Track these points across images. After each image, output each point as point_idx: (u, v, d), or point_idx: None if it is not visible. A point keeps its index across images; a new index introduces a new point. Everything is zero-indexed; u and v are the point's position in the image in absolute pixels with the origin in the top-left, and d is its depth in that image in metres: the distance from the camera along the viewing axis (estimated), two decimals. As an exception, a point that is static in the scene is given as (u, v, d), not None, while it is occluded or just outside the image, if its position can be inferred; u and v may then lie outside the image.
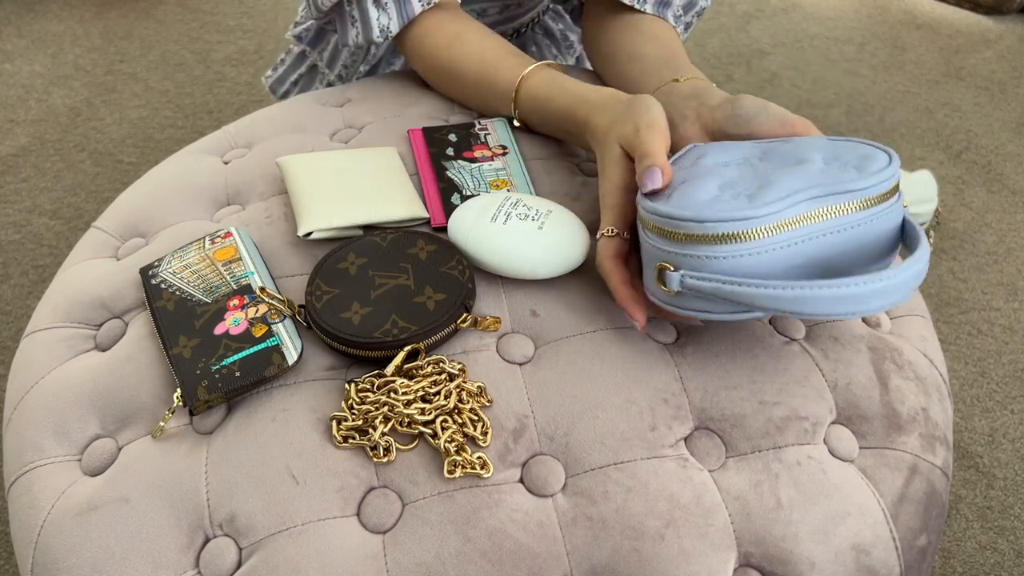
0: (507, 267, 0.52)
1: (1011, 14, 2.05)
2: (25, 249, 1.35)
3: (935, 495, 0.48)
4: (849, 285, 0.38)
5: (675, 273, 0.42)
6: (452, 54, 0.69)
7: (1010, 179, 1.52)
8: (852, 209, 0.42)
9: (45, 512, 0.46)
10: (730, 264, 0.41)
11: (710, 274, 0.41)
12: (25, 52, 1.86)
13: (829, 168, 0.44)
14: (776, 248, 0.41)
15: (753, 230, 0.41)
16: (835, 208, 0.42)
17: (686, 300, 0.44)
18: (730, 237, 0.41)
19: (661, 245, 0.43)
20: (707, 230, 0.41)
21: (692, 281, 0.42)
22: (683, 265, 0.43)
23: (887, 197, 0.43)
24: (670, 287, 0.43)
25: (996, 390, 1.14)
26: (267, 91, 1.31)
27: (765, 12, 2.06)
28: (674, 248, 0.43)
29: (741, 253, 0.41)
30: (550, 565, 0.41)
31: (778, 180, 0.43)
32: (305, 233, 0.56)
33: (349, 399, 0.46)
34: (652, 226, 0.44)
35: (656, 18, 0.72)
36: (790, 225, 0.41)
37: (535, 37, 0.98)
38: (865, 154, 0.45)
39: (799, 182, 0.42)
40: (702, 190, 0.44)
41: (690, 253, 0.42)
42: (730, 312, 0.43)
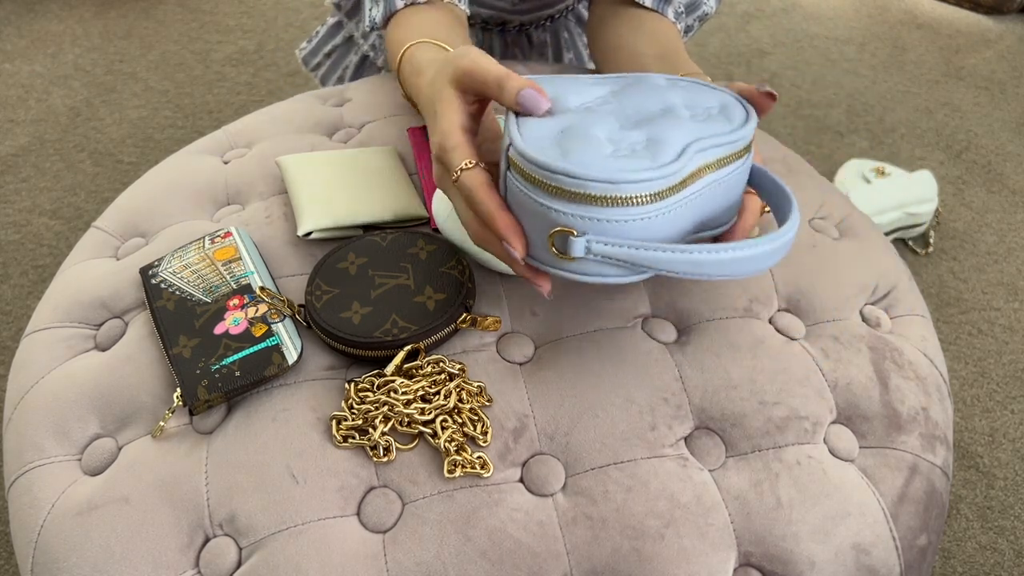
0: (477, 254, 0.53)
1: (1011, 14, 2.05)
2: (25, 249, 1.35)
3: (935, 495, 0.48)
4: (758, 245, 0.38)
5: (579, 239, 0.38)
6: (395, 42, 0.67)
7: (1010, 179, 1.52)
8: (730, 160, 0.42)
9: (45, 512, 0.46)
10: (641, 227, 0.39)
11: (622, 239, 0.38)
12: (25, 52, 1.86)
13: (697, 116, 0.44)
14: (679, 206, 0.40)
15: (663, 190, 0.39)
16: (718, 160, 0.42)
17: (583, 265, 0.40)
18: (640, 199, 0.38)
19: (557, 206, 0.39)
20: (621, 191, 0.37)
21: (601, 247, 0.38)
22: (588, 229, 0.38)
23: (749, 149, 0.44)
24: (571, 253, 0.39)
25: (996, 390, 1.14)
26: (299, 63, 1.29)
27: (765, 12, 2.06)
28: (576, 210, 0.38)
29: (652, 215, 0.39)
30: (550, 564, 0.41)
31: (663, 133, 0.41)
32: (305, 233, 0.56)
33: (349, 399, 0.46)
34: (541, 183, 0.39)
35: (656, 15, 0.72)
36: (689, 181, 0.40)
37: (568, 24, 0.98)
38: (724, 103, 0.45)
39: (683, 134, 0.41)
40: (595, 144, 0.40)
41: (597, 216, 0.38)
42: (624, 275, 0.40)
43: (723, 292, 0.54)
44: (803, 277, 0.57)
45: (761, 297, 0.55)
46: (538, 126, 0.42)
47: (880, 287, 0.58)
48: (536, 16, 0.91)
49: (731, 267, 0.39)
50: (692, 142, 0.41)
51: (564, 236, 0.39)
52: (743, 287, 0.55)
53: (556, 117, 0.43)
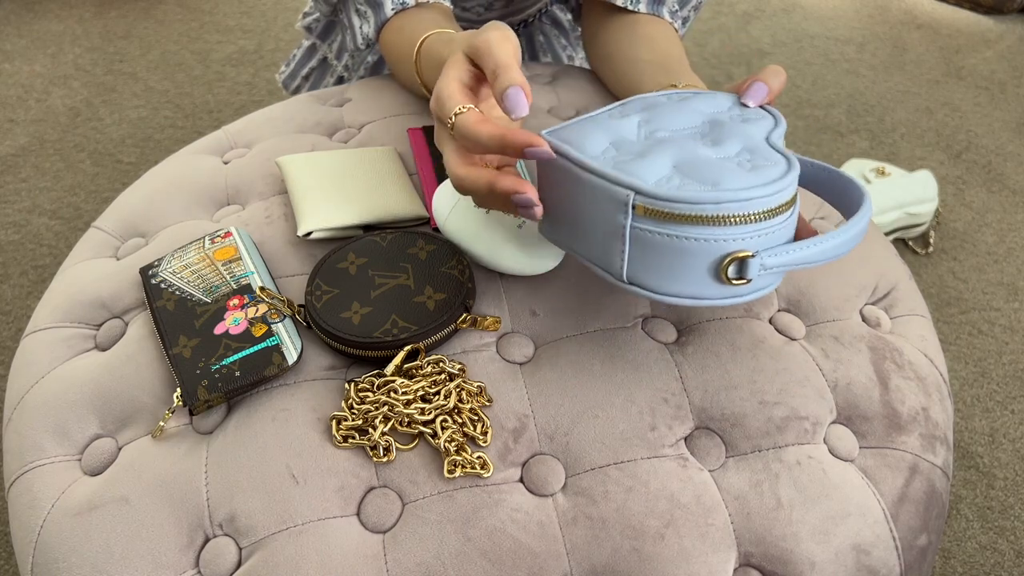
0: (476, 253, 0.53)
1: (1011, 14, 2.05)
2: (25, 249, 1.35)
3: (935, 495, 0.48)
4: (852, 226, 0.41)
5: (755, 259, 0.39)
6: (399, 45, 0.67)
7: (1010, 179, 1.52)
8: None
9: (45, 512, 0.46)
10: (785, 232, 0.41)
11: (779, 248, 0.39)
12: (25, 52, 1.86)
13: (736, 119, 0.46)
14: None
15: (795, 192, 0.41)
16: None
17: (754, 284, 0.41)
18: (787, 205, 0.40)
19: (722, 234, 0.39)
20: (779, 199, 0.39)
21: (772, 259, 0.39)
22: (758, 247, 0.39)
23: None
24: (749, 276, 0.39)
25: (996, 390, 1.14)
26: (280, 87, 1.30)
27: (765, 12, 2.06)
28: (743, 232, 0.39)
29: (791, 217, 0.41)
30: (550, 564, 0.41)
31: (743, 140, 0.44)
32: (305, 233, 0.56)
33: (349, 399, 0.46)
34: (694, 217, 0.39)
35: (653, 17, 0.71)
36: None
37: (543, 28, 0.98)
38: (738, 104, 0.48)
39: (752, 137, 0.45)
40: (714, 165, 0.41)
41: (762, 232, 0.39)
42: (773, 284, 0.42)
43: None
44: (803, 277, 0.56)
45: (761, 297, 0.55)
46: (640, 168, 0.41)
47: (880, 287, 0.58)
48: (510, 21, 0.91)
49: (839, 250, 0.41)
50: (769, 142, 0.43)
51: (740, 262, 0.39)
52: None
53: (646, 142, 0.44)
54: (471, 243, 0.52)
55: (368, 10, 0.69)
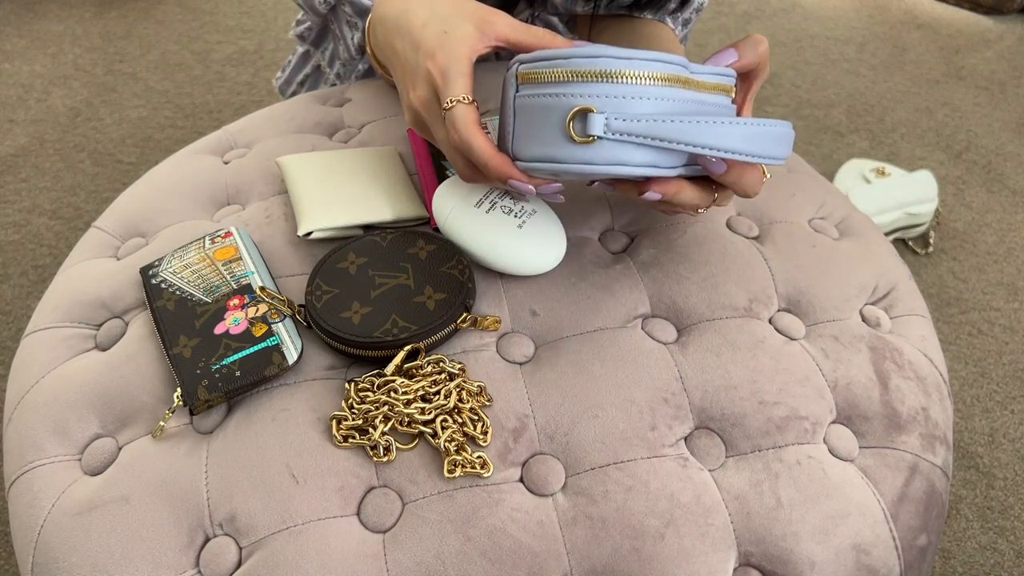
0: (476, 253, 0.53)
1: (1011, 14, 2.05)
2: (25, 249, 1.35)
3: (935, 495, 0.48)
4: (776, 124, 0.40)
5: (598, 115, 0.39)
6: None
7: (1010, 179, 1.52)
8: (729, 92, 0.45)
9: (45, 512, 0.46)
10: (653, 107, 0.39)
11: (640, 113, 0.39)
12: (25, 52, 1.86)
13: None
14: (688, 105, 0.41)
15: (672, 75, 0.40)
16: (722, 87, 0.44)
17: (602, 149, 0.40)
18: (652, 78, 0.39)
19: (572, 90, 0.39)
20: (634, 67, 0.39)
21: (620, 123, 0.39)
22: (605, 108, 0.39)
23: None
24: (592, 131, 0.39)
25: (996, 390, 1.14)
26: (276, 93, 1.31)
27: (765, 12, 2.06)
28: (593, 90, 0.39)
29: (663, 98, 0.40)
30: (550, 564, 0.41)
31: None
32: (305, 233, 0.56)
33: (349, 399, 0.46)
34: (554, 74, 0.40)
35: (651, 22, 0.72)
36: (700, 88, 0.42)
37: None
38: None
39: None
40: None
41: (613, 94, 0.39)
42: (645, 165, 0.40)
43: (723, 292, 0.54)
44: (803, 277, 0.56)
45: (761, 297, 0.55)
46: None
47: (880, 287, 0.58)
48: None
49: (752, 143, 0.39)
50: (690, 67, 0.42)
51: (583, 116, 0.39)
52: (743, 287, 0.55)
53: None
54: (471, 243, 0.52)
55: (358, 20, 0.69)
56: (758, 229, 0.61)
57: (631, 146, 0.40)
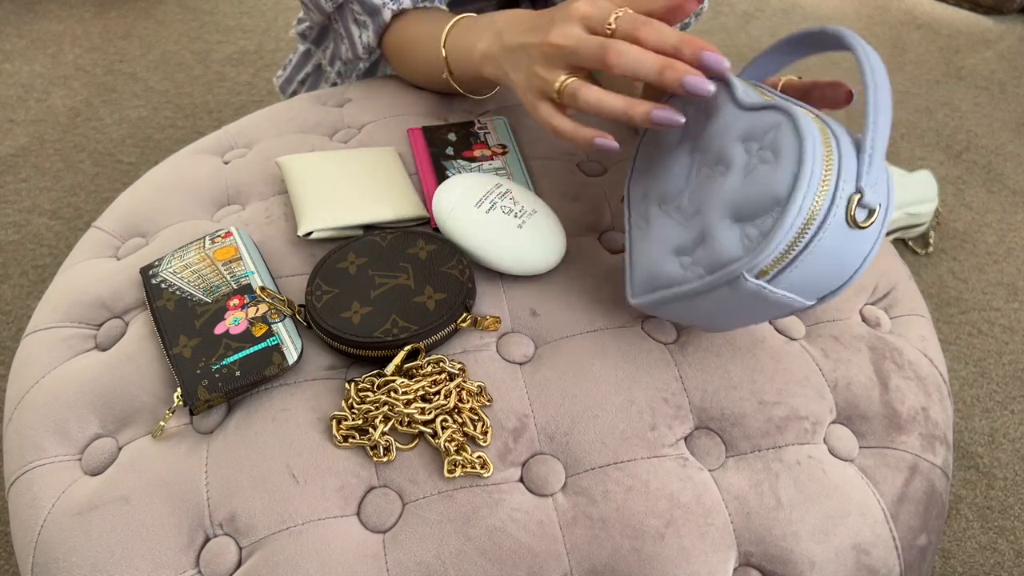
0: (475, 253, 0.53)
1: (1011, 14, 2.05)
2: (25, 249, 1.35)
3: (935, 495, 0.48)
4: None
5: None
6: (413, 39, 0.68)
7: (1010, 179, 1.52)
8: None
9: (45, 512, 0.46)
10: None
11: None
12: (25, 52, 1.86)
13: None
14: None
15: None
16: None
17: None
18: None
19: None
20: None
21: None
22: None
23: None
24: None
25: (996, 390, 1.14)
26: (277, 91, 1.31)
27: (765, 12, 2.06)
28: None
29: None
30: (550, 564, 0.41)
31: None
32: (305, 233, 0.56)
33: (349, 399, 0.46)
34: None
35: None
36: None
37: None
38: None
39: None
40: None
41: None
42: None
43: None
44: (803, 277, 0.56)
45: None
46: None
47: (880, 287, 0.58)
48: None
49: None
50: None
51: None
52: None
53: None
54: (471, 242, 0.52)
55: (367, 18, 0.69)
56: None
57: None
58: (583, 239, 0.58)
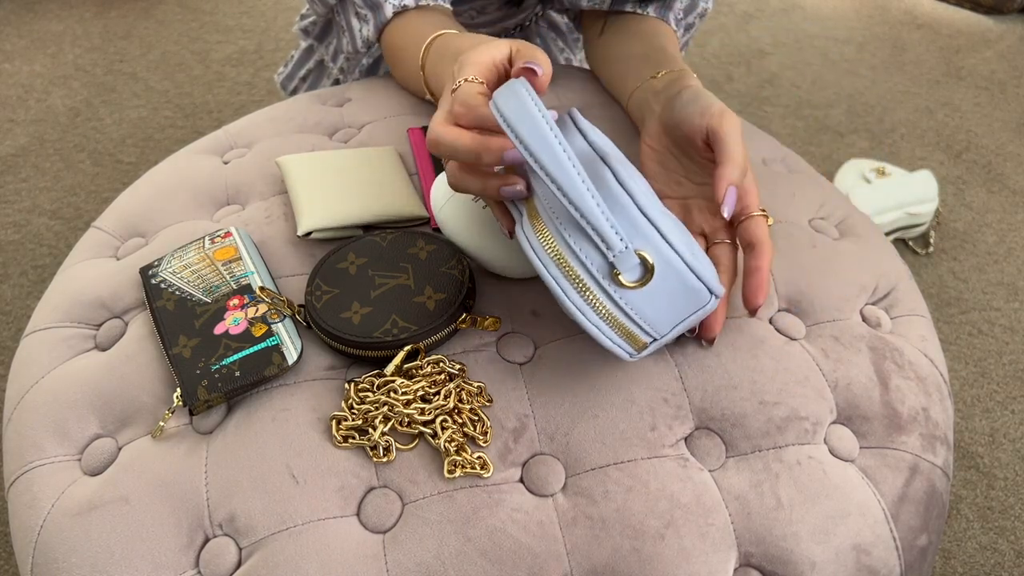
0: (465, 245, 0.53)
1: (1011, 14, 2.05)
2: (25, 249, 1.35)
3: (935, 495, 0.48)
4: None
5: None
6: (403, 46, 0.67)
7: (1010, 179, 1.52)
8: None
9: (45, 512, 0.46)
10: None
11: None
12: (25, 52, 1.86)
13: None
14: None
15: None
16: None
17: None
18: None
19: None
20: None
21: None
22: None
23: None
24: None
25: (997, 390, 1.14)
26: (278, 88, 1.31)
27: (765, 12, 2.06)
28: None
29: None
30: (550, 565, 0.41)
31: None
32: (305, 233, 0.56)
33: (349, 399, 0.46)
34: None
35: (654, 20, 0.72)
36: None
37: (540, 31, 0.98)
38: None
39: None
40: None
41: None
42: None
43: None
44: (803, 277, 0.56)
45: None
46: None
47: (880, 287, 0.58)
48: (505, 26, 0.91)
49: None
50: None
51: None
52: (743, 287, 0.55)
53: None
54: (462, 235, 0.52)
55: (368, 12, 0.69)
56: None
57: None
58: (583, 239, 0.58)
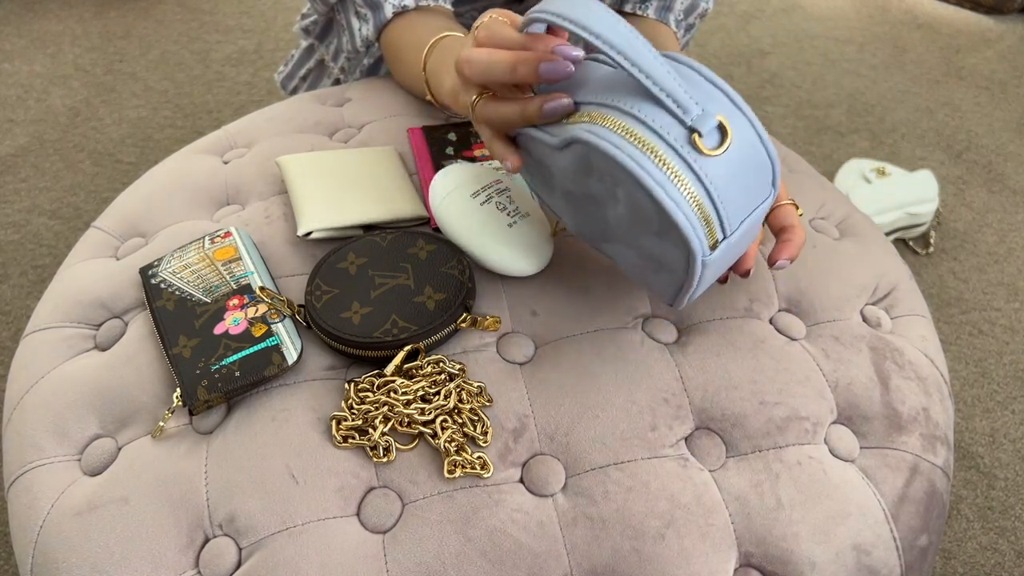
0: (461, 242, 0.53)
1: (1011, 14, 2.05)
2: (25, 249, 1.35)
3: (936, 495, 0.48)
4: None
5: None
6: (404, 47, 0.67)
7: (1011, 179, 1.52)
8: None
9: (45, 512, 0.46)
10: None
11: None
12: (24, 52, 1.86)
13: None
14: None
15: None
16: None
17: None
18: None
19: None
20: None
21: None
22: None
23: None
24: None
25: (997, 390, 1.14)
26: (278, 87, 1.31)
27: (765, 12, 2.06)
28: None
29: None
30: (550, 565, 0.41)
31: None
32: (305, 233, 0.56)
33: (349, 399, 0.46)
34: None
35: (655, 22, 0.72)
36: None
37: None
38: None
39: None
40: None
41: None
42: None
43: (723, 292, 0.54)
44: (803, 277, 0.56)
45: (761, 297, 0.54)
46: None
47: (881, 287, 0.58)
48: None
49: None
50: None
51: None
52: (743, 287, 0.55)
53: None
54: (459, 231, 0.53)
55: (368, 12, 0.69)
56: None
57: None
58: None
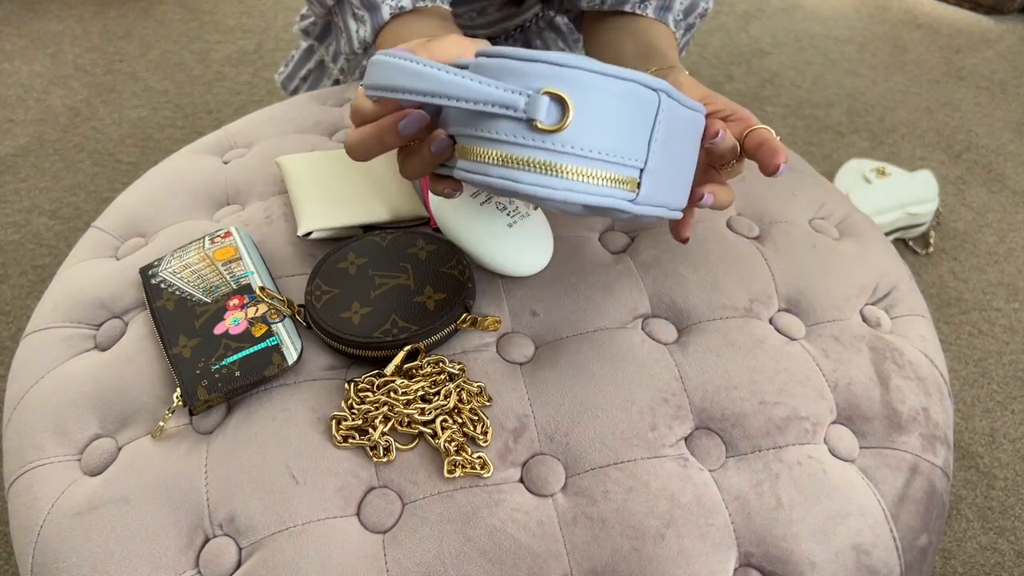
0: (461, 242, 0.53)
1: (1011, 14, 2.05)
2: (25, 249, 1.35)
3: (936, 495, 0.48)
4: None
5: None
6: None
7: (1011, 179, 1.52)
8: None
9: (45, 512, 0.46)
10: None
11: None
12: (24, 52, 1.86)
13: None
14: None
15: None
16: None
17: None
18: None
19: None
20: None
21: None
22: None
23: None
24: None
25: (997, 390, 1.14)
26: (278, 88, 1.30)
27: (765, 12, 2.06)
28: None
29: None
30: (550, 565, 0.41)
31: None
32: (305, 233, 0.56)
33: (349, 399, 0.46)
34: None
35: (654, 21, 0.72)
36: None
37: (540, 32, 0.98)
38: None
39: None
40: None
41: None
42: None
43: (723, 292, 0.54)
44: (803, 277, 0.56)
45: (761, 297, 0.55)
46: None
47: (880, 287, 0.58)
48: (501, 28, 0.91)
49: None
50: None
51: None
52: (743, 287, 0.55)
53: None
54: (458, 231, 0.53)
55: (365, 14, 0.69)
56: (758, 229, 0.61)
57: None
58: (583, 238, 0.58)
